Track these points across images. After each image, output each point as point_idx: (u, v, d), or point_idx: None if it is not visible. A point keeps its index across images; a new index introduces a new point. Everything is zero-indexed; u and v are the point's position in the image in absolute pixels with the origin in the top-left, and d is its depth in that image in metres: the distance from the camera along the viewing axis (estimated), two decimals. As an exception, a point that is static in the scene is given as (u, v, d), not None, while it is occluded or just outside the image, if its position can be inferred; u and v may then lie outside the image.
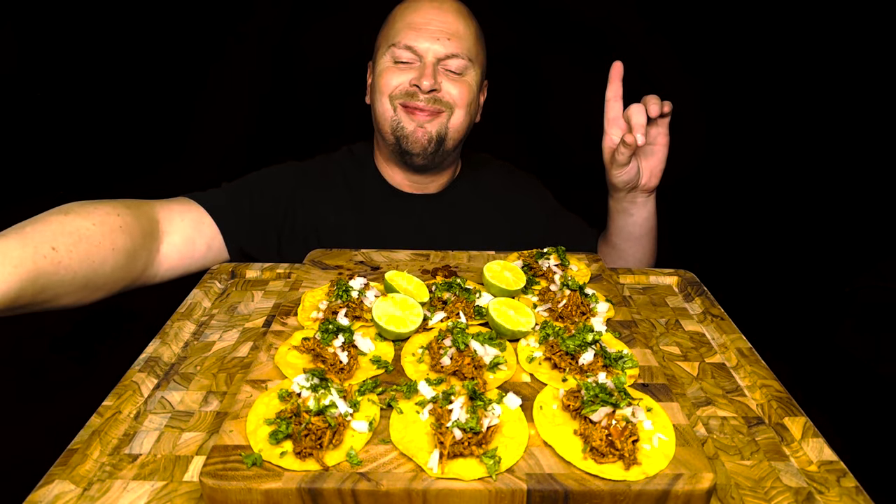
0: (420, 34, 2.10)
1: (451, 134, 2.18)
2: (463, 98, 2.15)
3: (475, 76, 2.20)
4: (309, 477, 1.05)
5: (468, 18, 2.19)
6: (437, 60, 2.11)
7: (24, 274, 1.43)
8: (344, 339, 1.37)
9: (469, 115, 2.21)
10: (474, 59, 2.18)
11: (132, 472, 1.17)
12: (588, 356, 1.33)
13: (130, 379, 1.40)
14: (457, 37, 2.12)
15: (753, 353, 1.55)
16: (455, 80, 2.15)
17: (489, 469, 1.06)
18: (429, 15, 2.12)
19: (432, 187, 2.36)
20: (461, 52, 2.12)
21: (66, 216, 1.64)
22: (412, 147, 2.16)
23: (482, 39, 2.25)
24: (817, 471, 1.21)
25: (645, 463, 1.09)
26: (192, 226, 2.01)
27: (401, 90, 2.13)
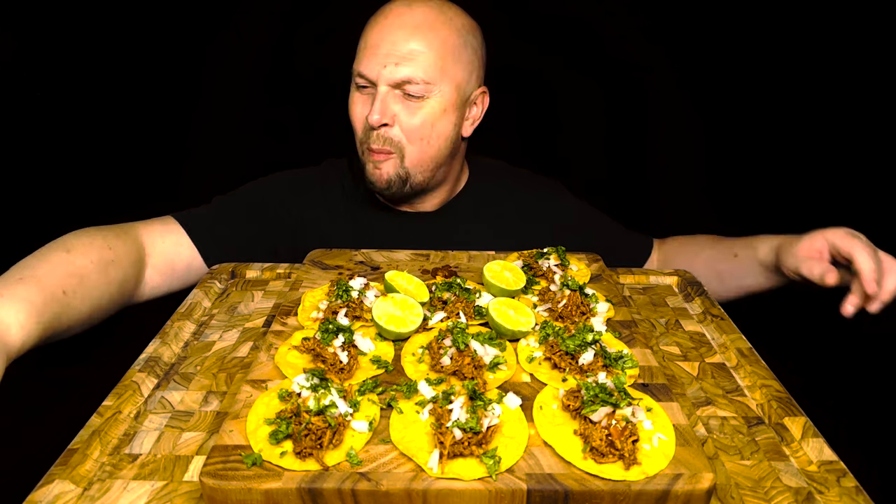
0: (371, 59, 1.89)
1: (413, 171, 1.99)
2: (417, 131, 1.93)
3: (446, 95, 1.93)
4: (309, 477, 1.05)
5: (433, 29, 1.90)
6: (389, 88, 1.90)
7: (45, 321, 1.46)
8: (344, 339, 1.37)
9: (434, 144, 1.97)
10: (439, 78, 1.90)
11: (132, 472, 1.17)
12: (588, 356, 1.33)
13: (130, 379, 1.40)
14: (410, 58, 1.87)
15: (753, 353, 1.55)
16: (412, 107, 1.92)
17: (489, 469, 1.06)
18: (383, 33, 1.89)
19: (428, 206, 2.18)
20: (416, 77, 1.87)
21: (69, 255, 1.66)
22: (375, 185, 2.02)
23: (461, 46, 1.96)
24: (817, 471, 1.21)
25: (645, 463, 1.09)
26: (172, 248, 1.98)
27: (363, 131, 1.98)
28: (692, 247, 2.20)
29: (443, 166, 2.07)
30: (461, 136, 2.07)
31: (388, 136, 1.93)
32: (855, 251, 1.64)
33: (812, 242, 1.76)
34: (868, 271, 1.60)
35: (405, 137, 1.94)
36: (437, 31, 1.90)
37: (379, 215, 2.18)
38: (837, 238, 1.70)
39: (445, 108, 1.95)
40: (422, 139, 1.94)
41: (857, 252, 1.63)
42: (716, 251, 2.10)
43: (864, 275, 1.60)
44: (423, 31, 1.88)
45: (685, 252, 2.20)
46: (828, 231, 1.74)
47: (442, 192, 2.18)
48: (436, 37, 1.89)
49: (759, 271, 1.98)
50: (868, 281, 1.60)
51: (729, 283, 2.06)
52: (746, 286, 2.04)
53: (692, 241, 2.24)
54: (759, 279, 1.99)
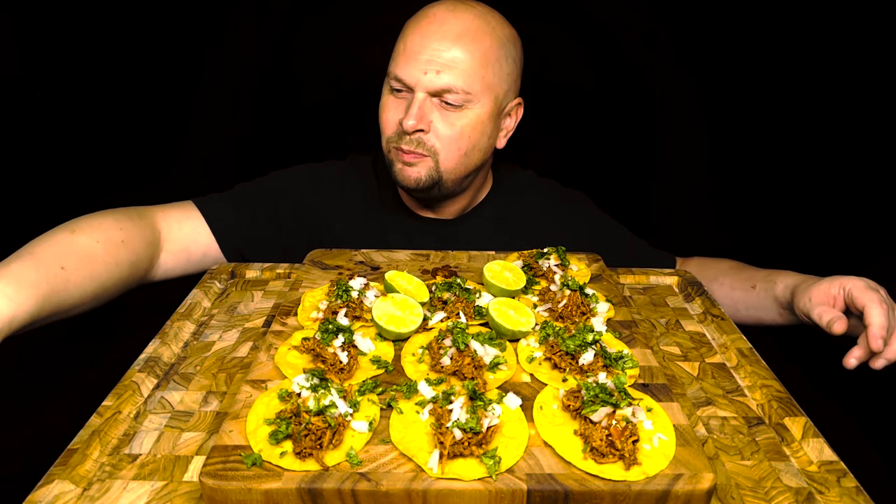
0: (410, 63, 1.85)
1: (446, 175, 1.95)
2: (454, 141, 1.89)
3: (484, 107, 1.90)
4: (309, 477, 1.05)
5: (475, 40, 1.85)
6: (427, 95, 1.86)
7: (40, 295, 1.47)
8: (344, 339, 1.36)
9: (470, 155, 1.95)
10: (479, 89, 1.86)
11: (132, 472, 1.17)
12: (588, 356, 1.33)
13: (130, 379, 1.40)
14: (451, 66, 1.82)
15: (754, 354, 1.55)
16: (450, 118, 1.88)
17: (489, 469, 1.06)
18: (424, 39, 1.84)
19: (448, 213, 2.15)
20: (456, 86, 1.83)
21: (73, 234, 1.67)
22: (404, 183, 1.97)
23: (503, 57, 1.92)
24: (817, 471, 1.21)
25: (645, 463, 1.09)
26: (190, 234, 1.99)
27: (394, 132, 1.93)
28: (713, 271, 2.17)
29: (471, 176, 2.04)
30: (495, 147, 2.05)
31: (423, 140, 1.90)
32: (868, 304, 1.60)
33: (829, 288, 1.72)
34: (877, 327, 1.57)
35: (439, 144, 1.90)
36: (480, 41, 1.86)
37: (396, 218, 2.16)
38: (855, 288, 1.66)
39: (483, 119, 1.92)
40: (459, 149, 1.91)
41: (871, 306, 1.60)
42: (735, 279, 2.08)
43: (873, 330, 1.58)
44: (466, 39, 1.84)
45: (705, 275, 2.15)
46: (847, 279, 1.70)
47: (463, 200, 2.14)
48: (478, 47, 1.85)
49: (773, 307, 1.95)
50: (875, 337, 1.57)
51: (744, 312, 2.04)
52: (760, 318, 2.02)
53: (714, 264, 2.21)
54: (773, 315, 1.97)
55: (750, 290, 2.00)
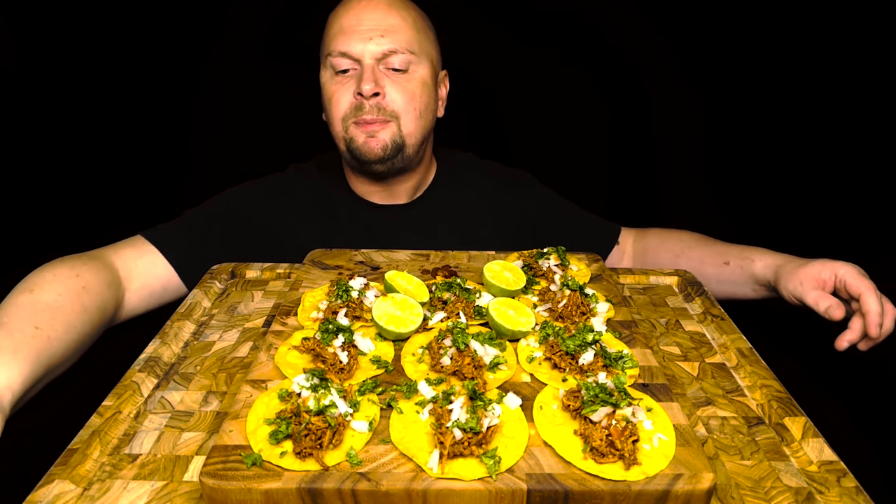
0: (352, 37, 1.95)
1: (408, 140, 2.03)
2: (409, 102, 2.00)
3: (424, 69, 2.03)
4: (309, 477, 1.05)
5: (404, 9, 2.01)
6: (375, 61, 1.96)
7: (29, 360, 1.43)
8: (344, 339, 1.37)
9: (423, 116, 2.06)
10: (418, 51, 2.01)
11: (132, 472, 1.17)
12: (588, 356, 1.33)
13: (130, 379, 1.40)
14: (392, 31, 1.95)
15: (753, 353, 1.55)
16: (399, 81, 1.99)
17: (489, 469, 1.06)
18: (360, 15, 1.97)
19: (402, 196, 2.22)
20: (400, 47, 1.96)
21: (32, 293, 1.63)
22: (367, 156, 2.01)
23: (428, 28, 2.09)
24: (817, 471, 1.21)
25: (645, 463, 1.09)
26: (148, 268, 1.97)
27: (350, 107, 1.99)
28: (675, 244, 2.21)
29: (424, 144, 2.13)
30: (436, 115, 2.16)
31: (382, 105, 1.97)
32: (865, 292, 1.67)
33: (820, 272, 1.77)
34: (875, 314, 1.64)
35: (397, 107, 1.99)
36: (408, 10, 2.03)
37: (352, 212, 2.20)
38: (849, 275, 1.71)
39: (426, 81, 2.04)
40: (414, 109, 2.01)
41: (867, 294, 1.66)
42: (705, 253, 2.11)
43: (872, 317, 1.64)
44: (397, 8, 2.00)
45: (667, 248, 2.21)
46: (838, 265, 1.75)
47: (414, 178, 2.21)
48: (409, 14, 2.01)
49: (748, 284, 2.00)
50: (873, 324, 1.64)
51: (714, 287, 2.06)
52: (731, 293, 2.06)
53: (675, 236, 2.25)
54: (746, 290, 2.02)
55: (723, 266, 2.03)
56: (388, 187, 2.19)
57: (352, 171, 2.18)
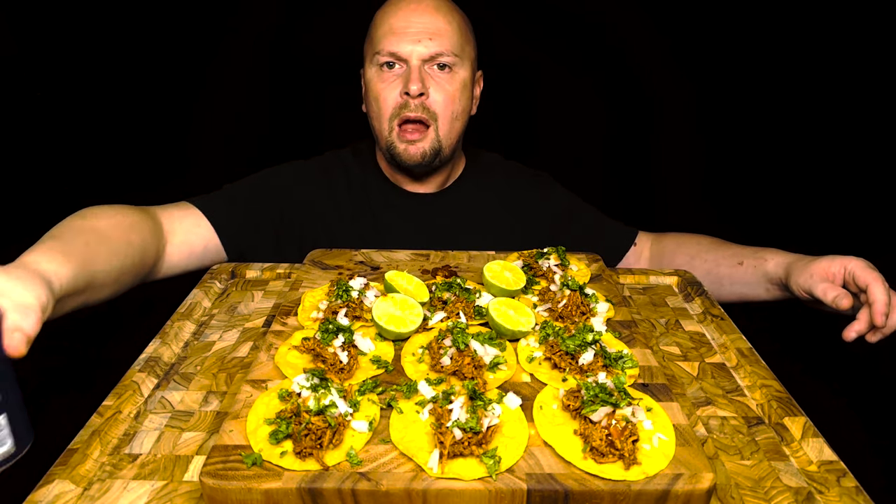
0: (401, 38, 2.05)
1: (444, 143, 2.14)
2: (448, 104, 2.10)
3: (465, 71, 2.13)
4: (309, 477, 1.05)
5: (449, 13, 2.11)
6: (421, 62, 2.06)
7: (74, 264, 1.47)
8: (344, 338, 1.37)
9: (459, 118, 2.16)
10: (461, 53, 2.10)
11: (132, 472, 1.17)
12: (588, 356, 1.33)
13: (130, 379, 1.40)
14: (439, 34, 2.05)
15: (753, 353, 1.55)
16: (442, 82, 2.09)
17: (489, 469, 1.06)
18: (409, 17, 2.06)
19: (431, 186, 2.31)
20: (446, 50, 2.05)
21: (84, 220, 1.71)
22: (406, 162, 2.13)
23: (469, 31, 2.18)
24: (817, 471, 1.21)
25: (645, 463, 1.09)
26: (190, 227, 2.04)
27: (396, 106, 2.09)
28: (692, 246, 2.22)
29: (459, 142, 2.24)
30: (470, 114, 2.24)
31: (426, 104, 2.07)
32: (872, 283, 1.67)
33: (829, 266, 1.79)
34: (881, 304, 1.64)
35: (438, 108, 2.09)
36: (453, 13, 2.12)
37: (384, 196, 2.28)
38: (858, 268, 1.73)
39: (466, 83, 2.14)
40: (452, 111, 2.11)
41: (875, 284, 1.67)
42: (719, 255, 2.12)
43: (878, 307, 1.65)
44: (444, 12, 2.09)
45: (684, 251, 2.22)
46: (847, 259, 1.77)
47: (445, 172, 2.31)
48: (454, 18, 2.10)
49: (761, 284, 2.00)
50: (879, 313, 1.64)
51: (728, 288, 2.08)
52: (744, 294, 2.07)
53: (692, 239, 2.26)
54: (759, 291, 2.02)
55: (737, 267, 2.04)
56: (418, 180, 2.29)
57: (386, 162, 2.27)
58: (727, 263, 2.08)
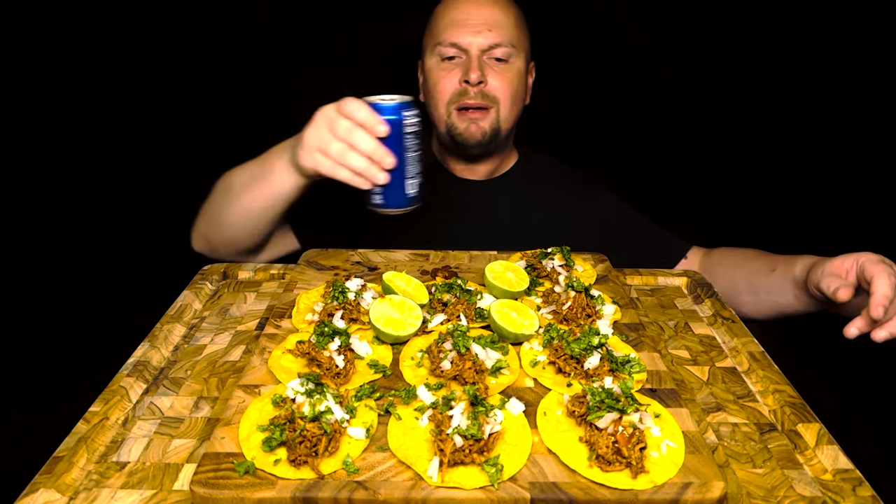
0: (462, 30, 2.19)
1: (503, 125, 2.26)
2: (507, 90, 2.23)
3: (520, 62, 2.27)
4: (304, 486, 1.03)
5: (507, 6, 2.26)
6: (481, 52, 2.19)
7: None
8: (340, 342, 1.35)
9: (516, 104, 2.29)
10: (517, 44, 2.24)
11: (120, 481, 1.15)
12: (594, 360, 1.32)
13: (118, 384, 1.37)
14: (497, 26, 2.19)
15: (766, 357, 1.53)
16: (500, 71, 2.22)
17: (491, 477, 1.04)
18: (469, 10, 2.21)
19: (481, 173, 2.42)
20: (504, 41, 2.19)
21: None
22: (468, 141, 2.24)
23: (524, 23, 2.32)
24: (832, 479, 1.19)
25: (653, 471, 1.07)
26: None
27: (454, 93, 2.22)
28: (737, 258, 2.22)
29: (514, 129, 2.37)
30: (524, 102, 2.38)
31: (484, 91, 2.20)
32: (877, 275, 1.60)
33: (843, 262, 1.74)
34: (880, 295, 1.57)
35: (497, 94, 2.21)
36: (510, 6, 2.27)
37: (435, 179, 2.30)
38: (868, 261, 1.66)
39: (521, 71, 2.28)
40: (510, 97, 2.24)
41: (879, 276, 1.60)
42: (758, 263, 2.10)
43: (875, 298, 1.57)
44: (502, 5, 2.25)
45: (728, 262, 2.22)
46: (861, 254, 1.72)
47: (497, 160, 2.42)
48: (510, 10, 2.26)
49: (790, 289, 1.95)
50: (876, 305, 1.56)
51: (763, 297, 2.04)
52: (778, 303, 2.02)
53: (737, 251, 2.26)
54: (790, 297, 1.96)
55: (770, 274, 2.01)
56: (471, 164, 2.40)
57: (442, 146, 2.40)
58: (763, 271, 2.06)
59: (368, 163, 1.54)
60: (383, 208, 1.61)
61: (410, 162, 1.57)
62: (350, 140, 1.54)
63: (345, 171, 1.57)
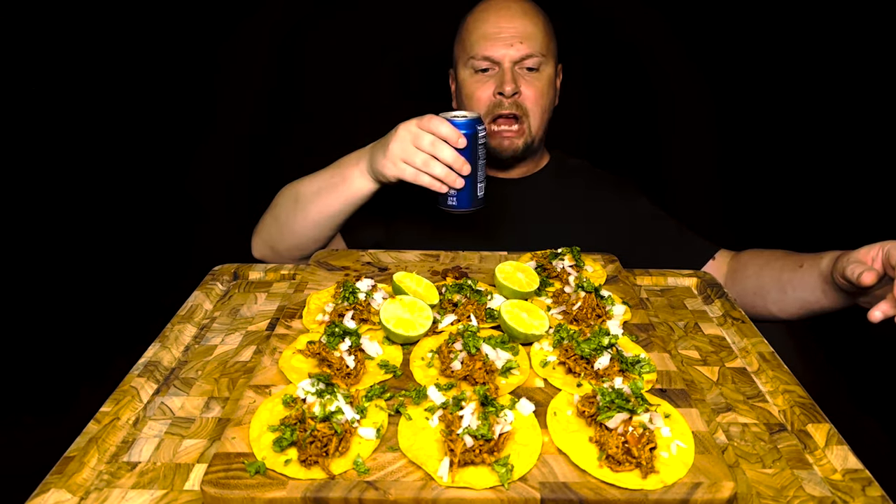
0: (495, 44, 2.24)
1: (535, 135, 2.34)
2: (539, 99, 2.29)
3: (550, 68, 2.33)
4: (314, 486, 1.03)
5: (535, 16, 2.31)
6: (513, 64, 2.24)
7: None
8: (350, 342, 1.35)
9: (547, 111, 2.35)
10: (547, 53, 2.30)
11: (131, 481, 1.15)
12: (604, 360, 1.31)
13: (129, 384, 1.37)
14: (528, 38, 2.25)
15: (775, 358, 1.52)
16: (531, 81, 2.27)
17: (501, 478, 1.04)
18: (499, 23, 2.26)
19: (514, 173, 2.47)
20: (535, 51, 2.25)
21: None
22: (501, 154, 2.33)
23: (550, 28, 2.36)
24: (842, 479, 1.18)
25: (663, 471, 1.07)
26: None
27: (490, 105, 2.28)
28: (765, 258, 2.18)
29: (544, 135, 2.42)
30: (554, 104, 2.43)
31: (518, 102, 2.26)
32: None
33: (869, 249, 1.70)
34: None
35: (529, 105, 2.28)
36: (538, 15, 2.33)
37: None
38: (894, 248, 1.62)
39: (551, 78, 2.35)
40: (541, 106, 2.31)
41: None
42: (786, 261, 2.07)
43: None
44: (531, 16, 2.30)
45: (755, 262, 2.19)
46: (888, 242, 1.67)
47: (530, 162, 2.49)
48: (539, 20, 2.31)
49: (818, 285, 1.91)
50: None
51: (790, 294, 2.01)
52: (806, 300, 1.98)
53: (764, 252, 2.23)
54: (818, 294, 1.92)
55: (797, 269, 1.99)
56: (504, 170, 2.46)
57: None
58: (790, 268, 2.03)
59: (448, 170, 1.77)
60: (457, 209, 1.84)
61: (480, 168, 1.82)
62: (434, 151, 1.77)
63: (427, 177, 1.79)
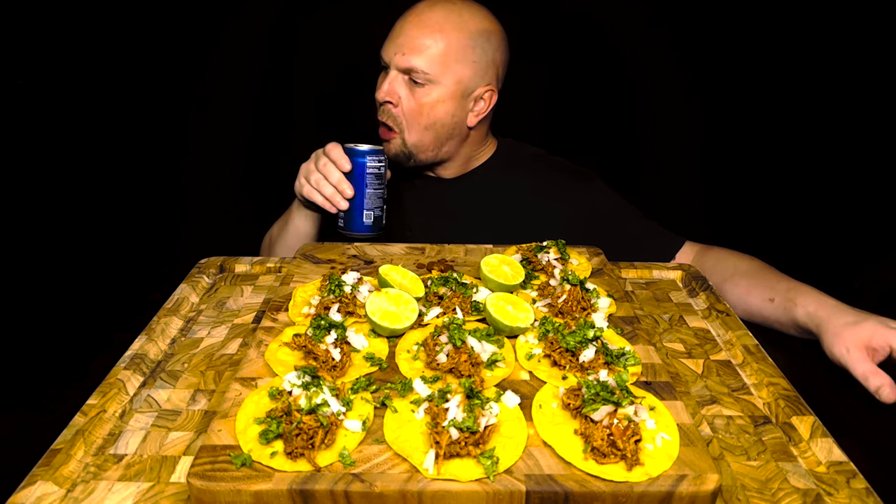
0: (389, 46, 2.17)
1: (415, 150, 2.24)
2: (416, 116, 2.17)
3: (445, 90, 2.15)
4: (300, 478, 1.03)
5: (442, 32, 2.12)
6: (397, 72, 2.15)
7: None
8: (336, 335, 1.35)
9: (432, 129, 2.20)
10: (439, 73, 2.12)
11: (117, 473, 1.15)
12: (589, 353, 1.31)
13: (115, 377, 1.37)
14: (417, 52, 2.10)
15: (760, 350, 1.53)
16: (415, 93, 2.16)
17: (486, 470, 1.04)
18: (403, 27, 2.16)
19: (447, 173, 2.40)
20: (420, 67, 2.10)
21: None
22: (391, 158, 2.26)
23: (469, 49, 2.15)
24: (826, 472, 1.19)
25: (648, 463, 1.07)
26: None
27: (377, 105, 2.23)
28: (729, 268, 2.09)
29: (446, 147, 2.28)
30: (466, 125, 2.26)
31: (392, 113, 2.18)
32: None
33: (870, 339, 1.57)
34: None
35: (405, 118, 2.18)
36: (446, 33, 2.12)
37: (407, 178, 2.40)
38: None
39: (444, 99, 2.16)
40: (419, 122, 2.18)
41: None
42: (753, 284, 1.98)
43: None
44: (435, 31, 2.11)
45: (720, 269, 2.09)
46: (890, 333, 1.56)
47: (456, 165, 2.39)
48: (444, 37, 2.12)
49: (790, 326, 1.84)
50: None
51: (754, 316, 1.95)
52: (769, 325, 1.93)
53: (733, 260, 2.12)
54: (788, 330, 1.86)
55: (767, 302, 1.91)
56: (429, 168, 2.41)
57: None
58: (758, 296, 1.94)
59: (334, 191, 1.97)
60: (344, 230, 2.03)
61: (368, 196, 1.99)
62: (324, 172, 1.97)
63: (319, 195, 2.00)
